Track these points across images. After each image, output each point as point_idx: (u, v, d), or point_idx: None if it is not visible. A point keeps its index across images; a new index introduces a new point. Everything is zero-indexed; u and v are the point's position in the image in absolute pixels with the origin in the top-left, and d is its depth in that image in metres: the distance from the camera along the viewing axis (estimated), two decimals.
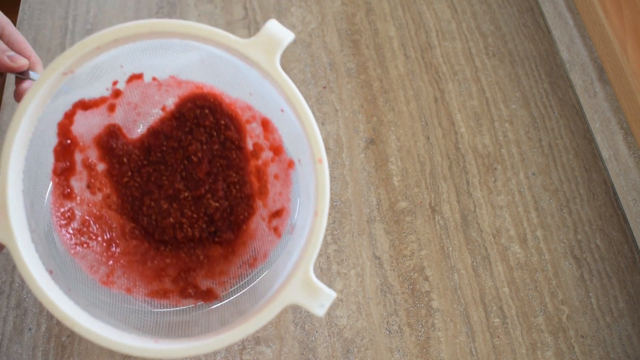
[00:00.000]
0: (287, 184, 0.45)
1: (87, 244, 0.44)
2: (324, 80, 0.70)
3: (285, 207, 0.45)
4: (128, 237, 0.45)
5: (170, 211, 0.44)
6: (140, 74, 0.44)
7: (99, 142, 0.44)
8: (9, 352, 0.54)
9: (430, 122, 0.67)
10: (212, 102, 0.44)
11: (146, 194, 0.44)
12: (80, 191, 0.44)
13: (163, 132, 0.45)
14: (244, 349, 0.54)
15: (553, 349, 0.55)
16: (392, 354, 0.55)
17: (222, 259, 0.45)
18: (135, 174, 0.45)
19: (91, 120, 0.44)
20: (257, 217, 0.45)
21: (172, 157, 0.44)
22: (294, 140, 0.43)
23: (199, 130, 0.44)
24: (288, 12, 0.75)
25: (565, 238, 0.61)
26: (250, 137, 0.45)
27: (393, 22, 0.74)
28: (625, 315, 0.57)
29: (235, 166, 0.44)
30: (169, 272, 0.45)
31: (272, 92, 0.41)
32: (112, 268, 0.44)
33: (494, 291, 0.58)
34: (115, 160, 0.45)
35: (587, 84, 0.66)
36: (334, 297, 0.38)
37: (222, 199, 0.44)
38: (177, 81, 0.45)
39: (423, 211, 0.62)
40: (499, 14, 0.75)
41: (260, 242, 0.46)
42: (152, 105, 0.45)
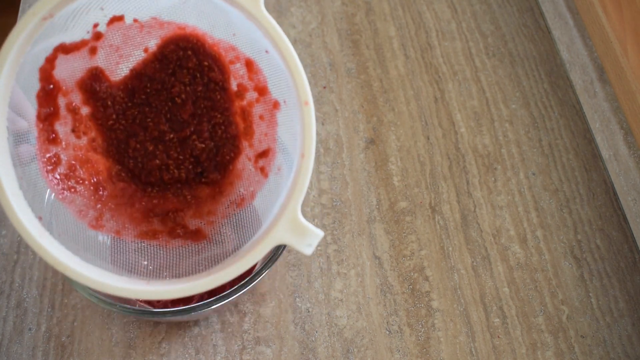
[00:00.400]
0: (273, 125, 0.45)
1: (75, 188, 0.44)
2: (324, 80, 0.70)
3: (271, 148, 0.45)
4: (115, 179, 0.45)
5: (156, 153, 0.44)
6: (122, 15, 0.43)
7: (82, 86, 0.44)
8: (9, 352, 0.54)
9: (430, 122, 0.67)
10: (195, 43, 0.44)
11: (131, 136, 0.44)
12: (65, 136, 0.44)
13: (146, 74, 0.44)
14: (244, 349, 0.55)
15: (553, 349, 0.55)
16: (392, 354, 0.55)
17: (209, 199, 0.45)
18: (120, 117, 0.44)
19: (73, 64, 0.44)
20: (243, 157, 0.45)
21: (156, 99, 0.44)
22: (280, 82, 0.43)
23: (182, 72, 0.44)
24: (288, 12, 0.75)
25: (565, 238, 0.61)
26: (234, 77, 0.45)
27: (393, 22, 0.74)
28: (625, 315, 0.57)
29: (220, 107, 0.44)
30: (157, 212, 0.45)
31: (256, 33, 0.40)
32: (101, 211, 0.44)
33: (494, 291, 0.58)
34: (99, 103, 0.44)
35: (587, 84, 0.66)
36: (321, 235, 0.38)
37: (208, 140, 0.44)
38: (159, 22, 0.44)
39: (423, 211, 0.62)
40: (499, 14, 0.75)
41: (247, 182, 0.46)
42: (134, 47, 0.45)
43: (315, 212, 0.61)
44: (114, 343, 0.55)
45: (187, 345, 0.55)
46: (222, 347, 0.55)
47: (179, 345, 0.55)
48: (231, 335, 0.55)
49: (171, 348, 0.54)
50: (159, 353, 0.54)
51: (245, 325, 0.56)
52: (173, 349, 0.54)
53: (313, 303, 0.57)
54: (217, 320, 0.56)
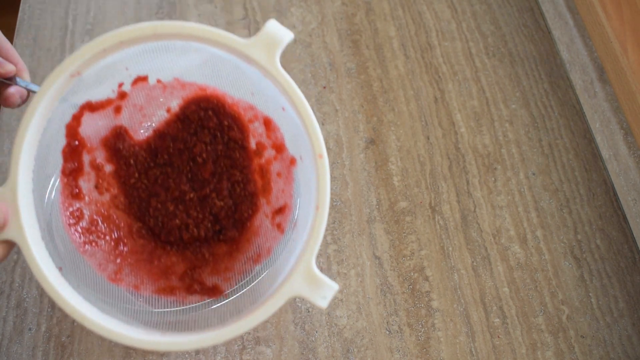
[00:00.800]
0: (290, 181, 0.46)
1: (96, 242, 0.45)
2: (324, 80, 0.70)
3: (287, 204, 0.46)
4: (135, 236, 0.46)
5: (176, 213, 0.45)
6: (145, 76, 0.45)
7: (106, 144, 0.45)
8: (9, 352, 0.54)
9: (430, 122, 0.67)
10: (215, 103, 0.45)
11: (153, 196, 0.45)
12: (88, 191, 0.45)
13: (169, 134, 0.45)
14: (244, 349, 0.55)
15: (553, 349, 0.55)
16: (392, 354, 0.55)
17: (226, 256, 0.46)
18: (142, 176, 0.45)
19: (98, 122, 0.45)
20: (260, 214, 0.46)
21: (178, 159, 0.45)
22: (295, 138, 0.44)
23: (203, 132, 0.45)
24: (288, 12, 0.75)
25: (565, 238, 0.61)
26: (253, 136, 0.46)
27: (393, 22, 0.74)
28: (625, 315, 0.57)
29: (239, 165, 0.45)
30: (176, 269, 0.46)
31: (273, 91, 0.41)
32: (120, 266, 0.45)
33: (494, 291, 0.58)
34: (122, 162, 0.45)
35: (587, 84, 0.66)
36: (336, 288, 0.39)
37: (227, 198, 0.45)
38: (181, 83, 0.45)
39: (423, 211, 0.62)
40: (499, 14, 0.75)
41: (264, 239, 0.47)
42: (157, 107, 0.46)
43: None
44: (114, 343, 0.55)
45: None
46: (222, 347, 0.55)
47: None
48: None
49: None
50: (159, 353, 0.54)
51: None
52: None
53: None
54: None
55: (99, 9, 0.74)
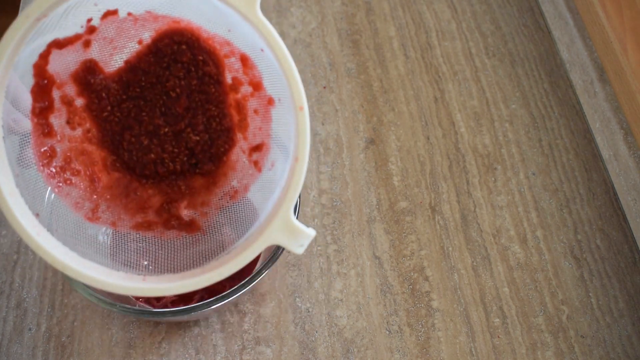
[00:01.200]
0: (267, 120, 0.45)
1: (70, 180, 0.44)
2: (324, 80, 0.70)
3: (265, 142, 0.45)
4: (110, 169, 0.45)
5: (151, 147, 0.45)
6: (115, 9, 0.44)
7: (76, 78, 0.44)
8: (9, 352, 0.54)
9: (430, 122, 0.67)
10: (190, 37, 0.44)
11: (126, 129, 0.45)
12: (60, 128, 0.44)
13: (141, 67, 0.44)
14: (244, 349, 0.55)
15: (553, 349, 0.55)
16: (392, 354, 0.55)
17: (203, 190, 0.46)
18: (115, 109, 0.45)
19: (67, 58, 0.44)
20: (237, 149, 0.46)
21: (150, 93, 0.44)
22: (275, 80, 0.43)
23: (176, 66, 0.44)
24: (288, 12, 0.75)
25: (565, 238, 0.61)
26: (229, 71, 0.45)
27: (393, 22, 0.74)
28: (625, 315, 0.57)
29: (215, 100, 0.45)
30: (152, 203, 0.45)
31: (251, 32, 0.41)
32: (96, 203, 0.45)
33: (494, 291, 0.58)
34: (94, 95, 0.45)
35: (587, 84, 0.66)
36: (312, 235, 0.40)
37: (203, 132, 0.45)
38: (153, 16, 0.44)
39: (423, 211, 0.62)
40: (499, 14, 0.75)
41: (241, 175, 0.46)
42: (128, 39, 0.45)
43: (315, 212, 0.61)
44: (114, 343, 0.55)
45: (187, 345, 0.55)
46: (222, 347, 0.55)
47: (179, 345, 0.55)
48: (231, 335, 0.55)
49: (171, 348, 0.54)
50: (159, 353, 0.54)
51: (245, 325, 0.56)
52: (173, 349, 0.54)
53: (313, 303, 0.57)
54: (217, 320, 0.56)
55: None
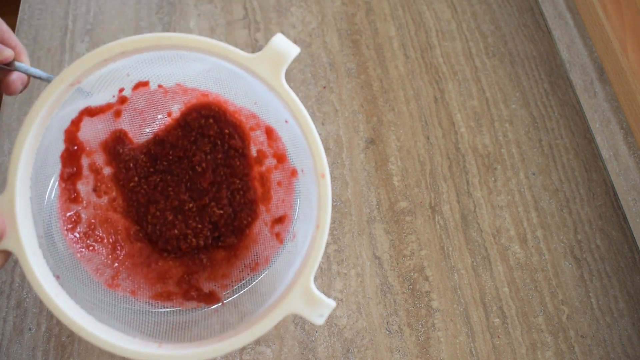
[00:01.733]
0: (290, 192, 0.46)
1: (93, 247, 0.45)
2: (324, 80, 0.70)
3: (287, 214, 0.46)
4: (133, 239, 0.45)
5: (175, 223, 0.45)
6: (147, 81, 0.45)
7: (105, 147, 0.45)
8: (9, 352, 0.54)
9: (430, 122, 0.67)
10: (217, 111, 0.45)
11: (152, 202, 0.45)
12: (86, 195, 0.45)
13: (169, 141, 0.45)
14: (244, 349, 0.54)
15: (553, 349, 0.55)
16: (392, 354, 0.55)
17: (224, 263, 0.46)
18: (142, 181, 0.45)
19: (97, 126, 0.45)
20: (259, 222, 0.46)
21: (177, 167, 0.45)
22: (298, 151, 0.44)
23: (203, 141, 0.45)
24: (288, 12, 0.75)
25: (565, 238, 0.61)
26: (254, 144, 0.46)
27: (393, 22, 0.74)
28: (625, 315, 0.57)
29: (239, 173, 0.45)
30: (173, 274, 0.46)
31: (276, 103, 0.41)
32: (117, 270, 0.45)
33: (494, 291, 0.58)
34: (122, 165, 0.45)
35: (587, 84, 0.66)
36: (333, 306, 0.39)
37: (226, 206, 0.45)
38: (182, 88, 0.45)
39: (423, 211, 0.62)
40: (499, 14, 0.75)
41: (263, 247, 0.46)
42: (157, 111, 0.46)
43: None
44: None
45: None
46: None
47: None
48: None
49: None
50: None
51: None
52: None
53: None
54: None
55: (99, 9, 0.74)
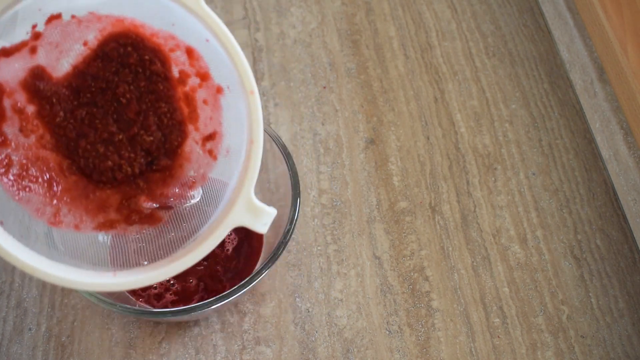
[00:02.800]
0: (217, 109, 0.46)
1: (29, 187, 0.45)
2: (324, 80, 0.70)
3: (217, 131, 0.46)
4: (67, 173, 0.46)
5: (107, 154, 0.45)
6: (59, 13, 0.44)
7: (25, 85, 0.45)
8: (9, 352, 0.54)
9: (430, 122, 0.67)
10: (134, 38, 0.45)
11: (81, 136, 0.45)
12: (13, 136, 0.45)
13: (89, 72, 0.45)
14: (244, 349, 0.55)
15: (553, 349, 0.55)
16: (392, 354, 0.55)
17: (161, 183, 0.47)
18: (67, 115, 0.45)
19: (14, 65, 0.44)
20: (190, 141, 0.46)
21: (101, 99, 0.45)
22: (222, 69, 0.44)
23: (124, 72, 0.45)
24: (288, 12, 0.75)
25: (565, 238, 0.61)
26: (175, 64, 0.46)
27: (393, 22, 0.74)
28: (625, 315, 0.57)
29: (164, 96, 0.45)
30: (112, 202, 0.46)
31: (195, 23, 0.42)
32: (57, 207, 0.45)
33: (494, 291, 0.58)
34: (44, 101, 0.45)
35: (587, 84, 0.66)
36: (274, 213, 0.42)
37: (156, 132, 0.46)
38: (96, 16, 0.45)
39: (423, 211, 0.62)
40: (499, 14, 0.75)
41: (197, 165, 0.47)
42: (73, 41, 0.45)
43: (315, 212, 0.61)
44: (114, 343, 0.55)
45: (187, 345, 0.55)
46: (222, 347, 0.55)
47: (179, 345, 0.55)
48: (231, 335, 0.55)
49: (171, 348, 0.55)
50: (159, 353, 0.54)
51: (245, 325, 0.56)
52: (173, 349, 0.54)
53: (313, 303, 0.57)
54: (217, 320, 0.56)
55: None
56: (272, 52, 0.72)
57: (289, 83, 0.69)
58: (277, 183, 0.56)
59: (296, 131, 0.66)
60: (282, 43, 0.72)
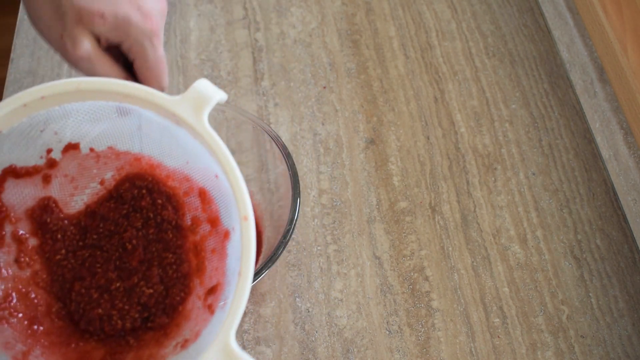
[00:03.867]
0: (223, 257, 0.41)
1: (7, 319, 0.40)
2: (324, 80, 0.70)
3: (220, 282, 0.41)
4: (54, 317, 0.42)
5: (100, 302, 0.41)
6: (77, 143, 0.42)
7: (31, 215, 0.42)
8: None
9: (430, 122, 0.67)
10: (150, 180, 0.42)
11: (77, 279, 0.42)
12: (6, 265, 0.41)
13: (100, 213, 0.42)
14: (244, 349, 0.54)
15: (553, 349, 0.55)
16: (392, 354, 0.55)
17: (152, 342, 0.42)
18: (69, 255, 0.42)
19: (24, 190, 0.41)
20: (193, 296, 0.42)
21: (107, 243, 0.42)
22: (228, 207, 0.40)
23: (135, 216, 0.42)
24: (288, 12, 0.75)
25: (565, 238, 0.61)
26: (188, 210, 0.43)
27: (393, 22, 0.74)
28: (625, 315, 0.57)
29: (172, 246, 0.42)
30: (94, 356, 0.42)
31: (206, 157, 0.39)
32: (30, 347, 0.40)
33: (494, 291, 0.58)
34: (48, 236, 0.42)
35: (587, 84, 0.66)
36: None
37: (157, 284, 0.42)
38: (115, 152, 0.43)
39: (423, 211, 0.62)
40: (499, 14, 0.75)
41: (194, 322, 0.42)
42: (90, 179, 0.43)
43: (315, 212, 0.61)
44: None
45: None
46: None
47: None
48: None
49: None
50: None
51: (245, 325, 0.56)
52: None
53: (313, 303, 0.57)
54: None
55: None
56: (272, 52, 0.72)
57: (289, 83, 0.69)
58: (277, 183, 0.56)
59: (296, 131, 0.66)
60: (282, 43, 0.72)
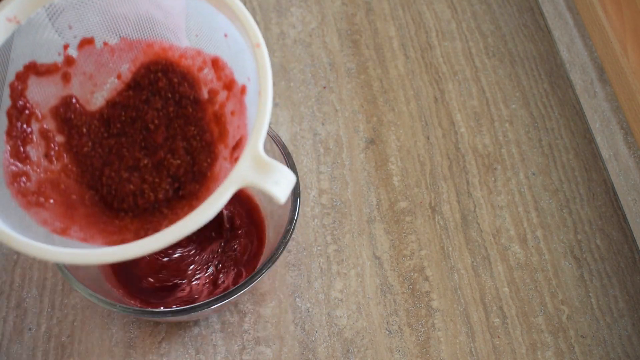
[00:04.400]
0: (243, 112, 0.43)
1: (42, 205, 0.42)
2: (324, 80, 0.70)
3: (243, 135, 0.43)
4: (88, 204, 0.44)
5: (130, 179, 0.43)
6: (91, 37, 0.43)
7: (56, 114, 0.44)
8: (9, 352, 0.54)
9: (430, 122, 0.67)
10: (164, 63, 0.44)
11: (107, 165, 0.44)
12: (37, 159, 0.43)
13: (121, 103, 0.44)
14: (244, 349, 0.55)
15: (553, 349, 0.55)
16: (392, 354, 0.55)
17: (187, 208, 0.43)
18: (96, 145, 0.44)
19: (46, 89, 0.43)
20: (219, 160, 0.44)
21: (131, 128, 0.44)
22: (241, 59, 0.42)
23: (154, 99, 0.44)
24: (288, 12, 0.75)
25: (565, 238, 0.61)
26: (204, 84, 0.44)
27: (393, 22, 0.74)
28: (625, 315, 0.57)
29: (193, 119, 0.44)
30: (130, 227, 0.43)
31: (210, 16, 0.41)
32: (69, 224, 0.42)
33: (494, 291, 0.58)
34: (74, 131, 0.44)
35: (587, 84, 0.66)
36: (291, 179, 0.36)
37: (184, 155, 0.44)
38: (127, 43, 0.44)
39: (423, 211, 0.62)
40: (499, 14, 0.75)
41: (222, 180, 0.43)
42: (107, 74, 0.44)
43: (315, 212, 0.61)
44: (114, 343, 0.55)
45: (187, 345, 0.55)
46: (222, 347, 0.55)
47: (179, 345, 0.55)
48: (231, 335, 0.55)
49: (171, 348, 0.54)
50: (159, 353, 0.54)
51: (245, 325, 0.56)
52: (173, 349, 0.54)
53: (313, 303, 0.57)
54: (217, 320, 0.56)
55: None
56: (272, 52, 0.72)
57: (289, 83, 0.69)
58: None
59: (296, 131, 0.66)
60: (282, 43, 0.72)
